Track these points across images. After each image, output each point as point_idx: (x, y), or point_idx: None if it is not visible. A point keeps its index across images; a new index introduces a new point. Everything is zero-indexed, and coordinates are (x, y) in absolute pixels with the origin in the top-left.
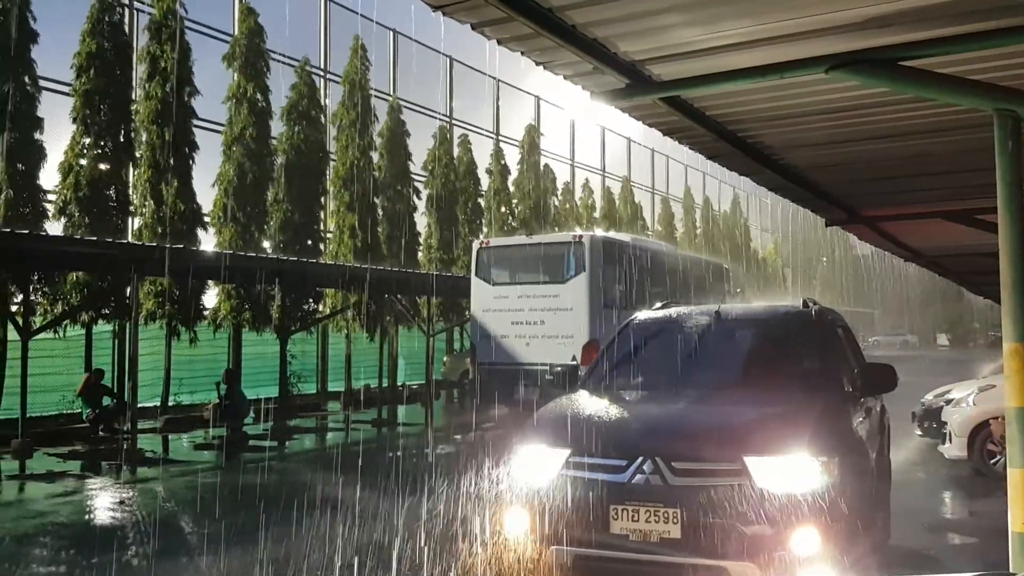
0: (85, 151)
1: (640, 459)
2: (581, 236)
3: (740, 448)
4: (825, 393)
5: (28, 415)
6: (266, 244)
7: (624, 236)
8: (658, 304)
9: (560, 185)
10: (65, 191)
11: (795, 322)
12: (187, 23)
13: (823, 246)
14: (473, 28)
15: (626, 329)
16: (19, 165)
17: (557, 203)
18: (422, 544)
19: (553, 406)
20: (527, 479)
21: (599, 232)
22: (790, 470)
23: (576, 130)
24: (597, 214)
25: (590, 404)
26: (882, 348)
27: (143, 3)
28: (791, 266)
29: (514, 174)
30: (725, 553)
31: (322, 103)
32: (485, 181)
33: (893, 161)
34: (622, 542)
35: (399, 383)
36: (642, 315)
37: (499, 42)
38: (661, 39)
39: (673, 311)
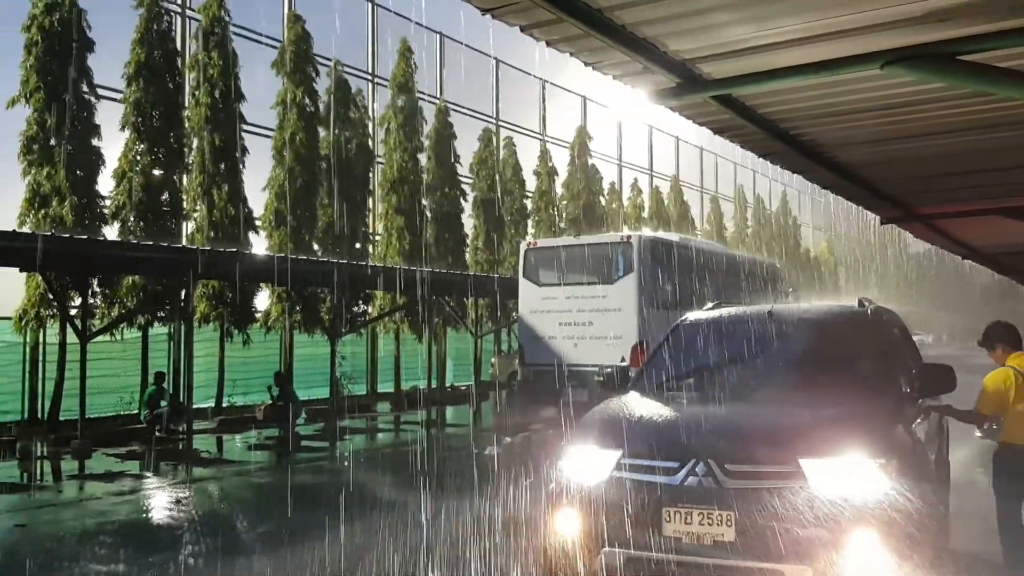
0: (138, 158)
1: (693, 461)
2: (629, 236)
3: (795, 450)
4: (882, 394)
5: (87, 416)
6: (316, 247)
7: (673, 236)
8: (709, 304)
9: (607, 185)
10: (120, 196)
11: (850, 322)
12: (234, 30)
13: (876, 244)
14: (522, 30)
15: (677, 330)
16: (78, 172)
17: (604, 203)
18: (471, 545)
19: (604, 407)
20: (578, 480)
21: (647, 232)
22: (847, 472)
23: (623, 129)
24: (645, 214)
25: (641, 405)
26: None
27: (192, 11)
28: (845, 265)
29: (562, 175)
30: (780, 556)
31: (369, 107)
32: (532, 182)
33: (950, 157)
34: (675, 544)
35: (447, 384)
36: (693, 316)
37: (548, 43)
38: (712, 37)
39: (724, 312)
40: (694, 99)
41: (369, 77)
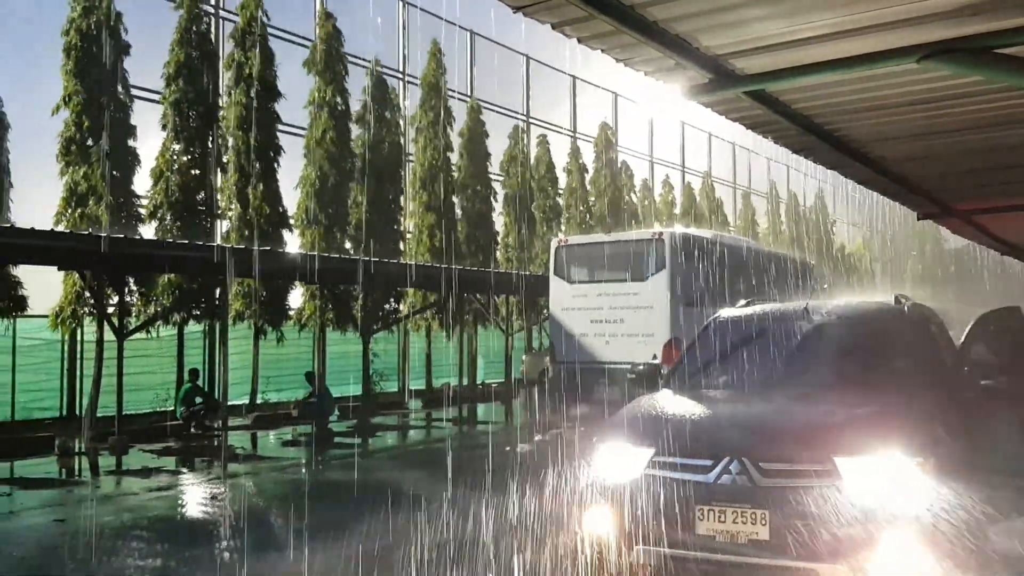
0: (175, 157)
1: (726, 459)
2: (661, 233)
3: (830, 448)
4: (919, 391)
5: (124, 413)
6: (348, 245)
7: (706, 232)
8: (742, 302)
9: (639, 181)
10: (157, 196)
11: (886, 319)
12: (269, 30)
13: (913, 240)
14: (553, 28)
15: (710, 327)
16: (114, 172)
17: (636, 200)
18: (502, 542)
19: (636, 405)
20: (610, 477)
21: (680, 228)
22: (883, 470)
23: (655, 125)
24: (677, 210)
25: (674, 403)
26: None
27: (229, 11)
28: (880, 261)
29: (592, 172)
30: (816, 555)
31: (400, 105)
32: (563, 179)
33: (987, 152)
34: (709, 543)
35: (478, 381)
36: (726, 313)
37: (579, 41)
38: (745, 32)
39: (758, 309)
40: (727, 95)
41: (400, 76)
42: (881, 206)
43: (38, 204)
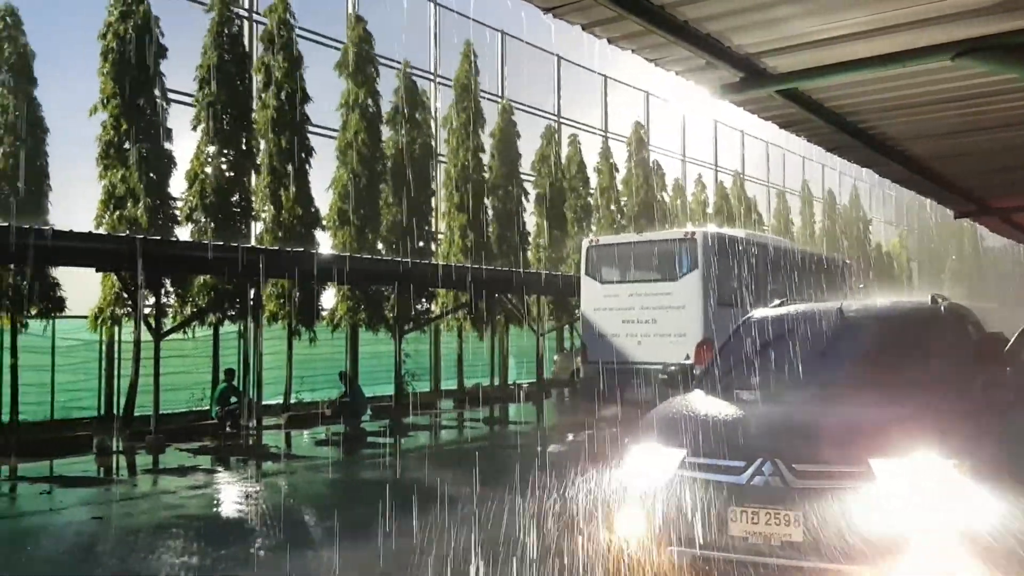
0: (209, 160)
1: (759, 460)
2: (693, 232)
3: (864, 449)
4: (956, 393)
5: (160, 412)
6: (379, 245)
7: (738, 231)
8: (776, 301)
9: (670, 181)
10: (192, 198)
11: (922, 319)
12: (300, 32)
13: (950, 239)
14: (584, 28)
15: (742, 328)
16: (151, 174)
17: (668, 199)
18: (533, 543)
19: (668, 405)
20: (642, 478)
21: (712, 228)
22: (918, 472)
23: (687, 124)
24: (710, 209)
25: (706, 404)
26: None
27: (259, 14)
28: (918, 260)
29: (623, 171)
30: (850, 558)
31: (431, 107)
32: (594, 179)
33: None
34: (741, 544)
35: (510, 382)
36: (759, 313)
37: (609, 41)
38: (776, 31)
39: (791, 308)
40: (759, 94)
41: (432, 77)
42: (918, 204)
43: (75, 206)
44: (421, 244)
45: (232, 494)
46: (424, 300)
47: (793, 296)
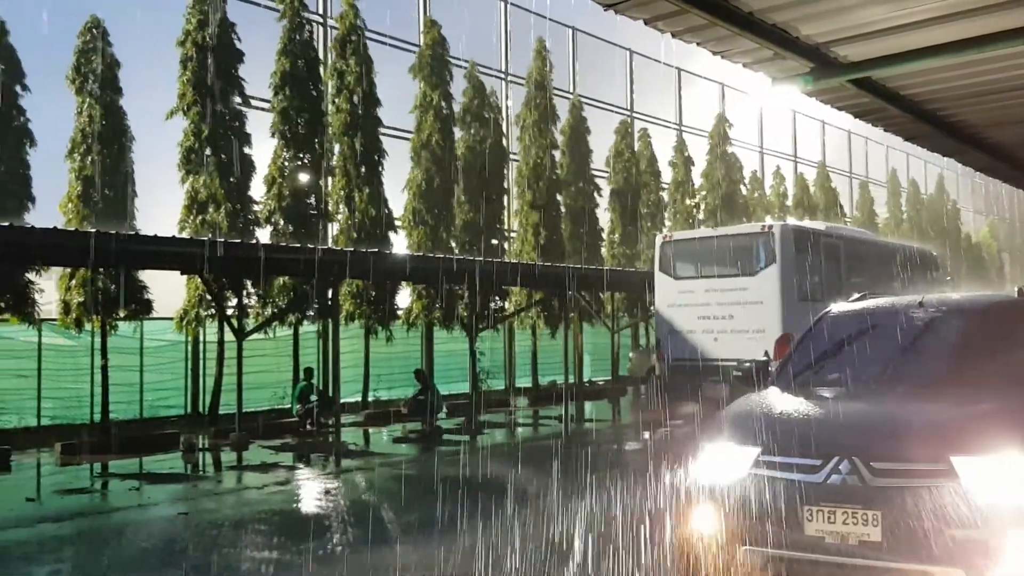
0: (286, 164)
1: (836, 459)
2: (771, 226)
3: (946, 447)
4: None
5: (243, 410)
6: (453, 244)
7: (818, 224)
8: (855, 296)
9: (747, 173)
10: (270, 202)
11: (1008, 312)
12: (372, 36)
13: None
14: (646, 23)
15: (820, 323)
16: (231, 179)
17: (746, 193)
18: (608, 540)
19: (741, 403)
20: (715, 477)
21: (791, 221)
22: (1003, 470)
23: (764, 115)
24: (790, 202)
25: (781, 401)
26: None
27: (330, 19)
28: (1009, 251)
29: (699, 164)
30: (931, 558)
31: (502, 105)
32: (668, 174)
33: None
34: (818, 544)
35: (585, 379)
36: (837, 308)
37: (673, 35)
38: (847, 19)
39: (871, 303)
40: (830, 83)
41: (503, 76)
42: (1009, 193)
43: (160, 211)
44: (494, 242)
45: (313, 490)
46: (498, 298)
47: (876, 290)
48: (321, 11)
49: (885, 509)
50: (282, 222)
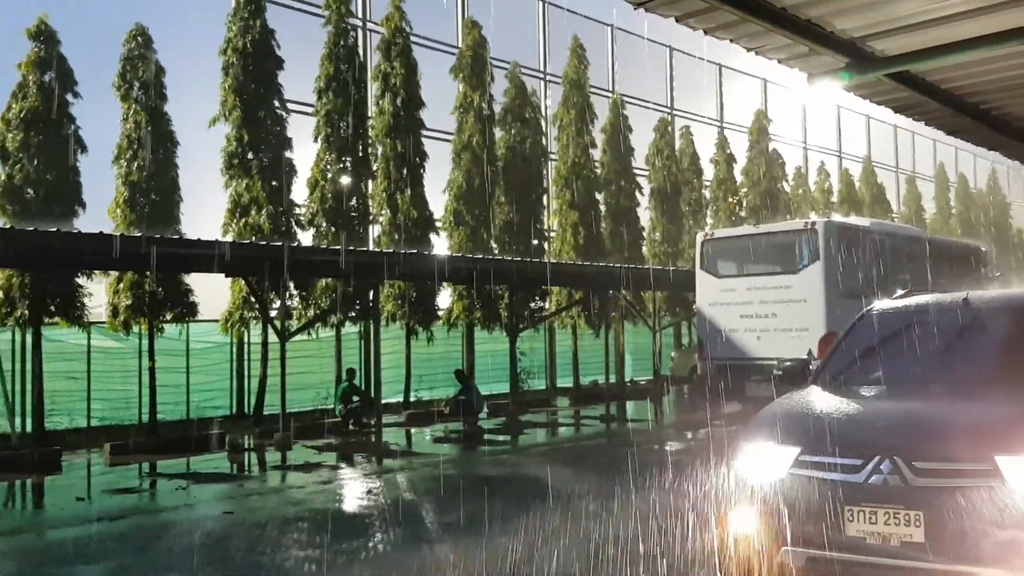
0: (328, 167)
1: (877, 458)
2: (814, 223)
3: (991, 446)
4: None
5: (287, 411)
6: (493, 245)
7: (863, 220)
8: (898, 293)
9: (791, 170)
10: (313, 204)
11: None
12: (413, 39)
13: None
14: (677, 21)
15: (861, 321)
16: (273, 182)
17: (789, 189)
18: (650, 540)
19: (782, 402)
20: (755, 477)
21: (836, 217)
22: None
23: (807, 110)
24: (835, 198)
25: (821, 400)
26: None
27: (374, 23)
28: None
29: (741, 161)
30: (975, 559)
31: (541, 105)
32: (710, 171)
33: None
34: (859, 544)
35: (626, 379)
36: (879, 305)
37: (705, 32)
38: (882, 13)
39: (914, 300)
40: (867, 78)
41: (541, 75)
42: None
43: (204, 215)
44: (534, 242)
45: (356, 489)
46: (538, 298)
47: (923, 286)
48: (361, 15)
49: (928, 509)
50: (324, 224)
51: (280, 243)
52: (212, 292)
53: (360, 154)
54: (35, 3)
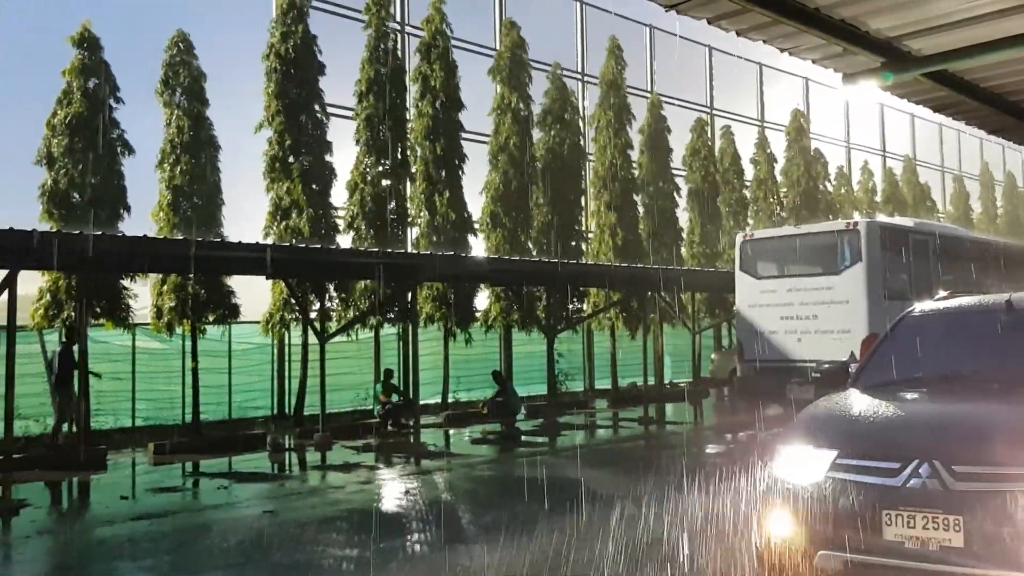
0: (368, 170)
1: (916, 462)
2: (856, 223)
3: None
4: None
5: (327, 411)
6: (531, 246)
7: (907, 221)
8: (941, 294)
9: (833, 169)
10: (352, 207)
11: None
12: (453, 42)
13: None
14: (709, 23)
15: (902, 322)
16: (313, 186)
17: (831, 189)
18: (687, 543)
19: (820, 405)
20: (792, 480)
21: (880, 217)
22: None
23: (850, 110)
24: (879, 198)
25: (859, 403)
26: None
27: (413, 26)
28: None
29: (782, 161)
30: (1016, 564)
31: (579, 106)
32: (750, 171)
33: None
34: (897, 549)
35: (665, 381)
36: (920, 307)
37: (738, 34)
38: (918, 12)
39: (955, 302)
40: (904, 78)
41: (579, 76)
42: None
43: (246, 217)
44: (572, 244)
45: (395, 490)
46: (575, 300)
47: (968, 287)
48: (399, 18)
49: (967, 514)
50: (363, 227)
51: (320, 246)
52: (254, 294)
53: (399, 156)
54: (80, 11)
